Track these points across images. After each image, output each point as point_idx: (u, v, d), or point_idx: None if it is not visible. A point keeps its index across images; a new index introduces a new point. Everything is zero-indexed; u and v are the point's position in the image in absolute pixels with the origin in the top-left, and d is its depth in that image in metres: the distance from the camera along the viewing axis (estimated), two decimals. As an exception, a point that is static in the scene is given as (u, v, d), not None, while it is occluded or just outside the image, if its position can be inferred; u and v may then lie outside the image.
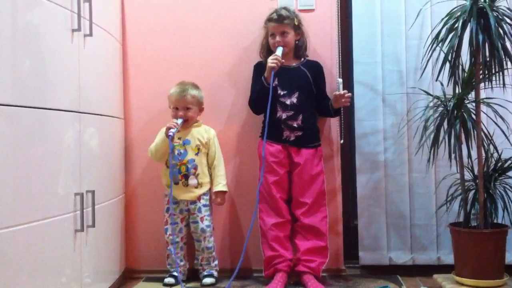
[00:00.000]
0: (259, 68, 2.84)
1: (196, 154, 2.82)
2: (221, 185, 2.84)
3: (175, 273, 2.82)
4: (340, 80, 2.80)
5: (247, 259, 2.92)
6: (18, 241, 1.79)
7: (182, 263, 2.85)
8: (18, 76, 1.81)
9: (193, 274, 2.90)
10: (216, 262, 2.88)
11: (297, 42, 2.85)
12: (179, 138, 2.83)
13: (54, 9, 2.04)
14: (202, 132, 2.87)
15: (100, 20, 2.48)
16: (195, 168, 2.81)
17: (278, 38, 2.78)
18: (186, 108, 2.82)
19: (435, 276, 2.67)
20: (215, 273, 2.85)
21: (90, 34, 2.31)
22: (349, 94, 2.77)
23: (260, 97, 2.76)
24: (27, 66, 1.87)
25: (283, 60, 2.72)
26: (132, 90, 3.05)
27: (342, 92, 2.75)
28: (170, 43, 3.04)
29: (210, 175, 2.87)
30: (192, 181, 2.81)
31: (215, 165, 2.86)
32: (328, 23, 2.99)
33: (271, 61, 2.69)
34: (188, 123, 2.84)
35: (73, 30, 2.17)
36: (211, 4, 3.04)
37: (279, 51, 2.74)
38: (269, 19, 2.83)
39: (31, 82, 1.89)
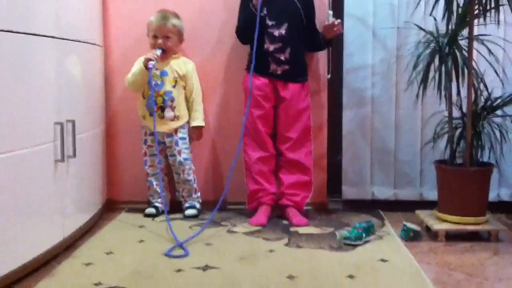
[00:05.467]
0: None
1: (174, 86, 2.76)
2: (198, 120, 2.81)
3: (156, 204, 2.82)
4: (331, 12, 2.75)
5: (231, 192, 2.90)
6: (-2, 171, 1.74)
7: (163, 194, 2.81)
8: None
9: (176, 206, 2.88)
10: (198, 194, 2.87)
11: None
12: (157, 69, 2.74)
13: None
14: (181, 64, 2.80)
15: None
16: (172, 100, 2.75)
17: None
18: (166, 37, 2.73)
19: (417, 212, 2.68)
20: (198, 205, 2.85)
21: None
22: (339, 20, 2.72)
23: (247, 26, 2.66)
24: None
25: None
26: (111, 16, 2.92)
27: (331, 21, 2.71)
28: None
29: (188, 109, 2.82)
30: (168, 113, 2.76)
31: (193, 98, 2.81)
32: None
33: None
34: (167, 54, 2.75)
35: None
36: None
37: None
38: None
39: (12, 5, 1.79)
